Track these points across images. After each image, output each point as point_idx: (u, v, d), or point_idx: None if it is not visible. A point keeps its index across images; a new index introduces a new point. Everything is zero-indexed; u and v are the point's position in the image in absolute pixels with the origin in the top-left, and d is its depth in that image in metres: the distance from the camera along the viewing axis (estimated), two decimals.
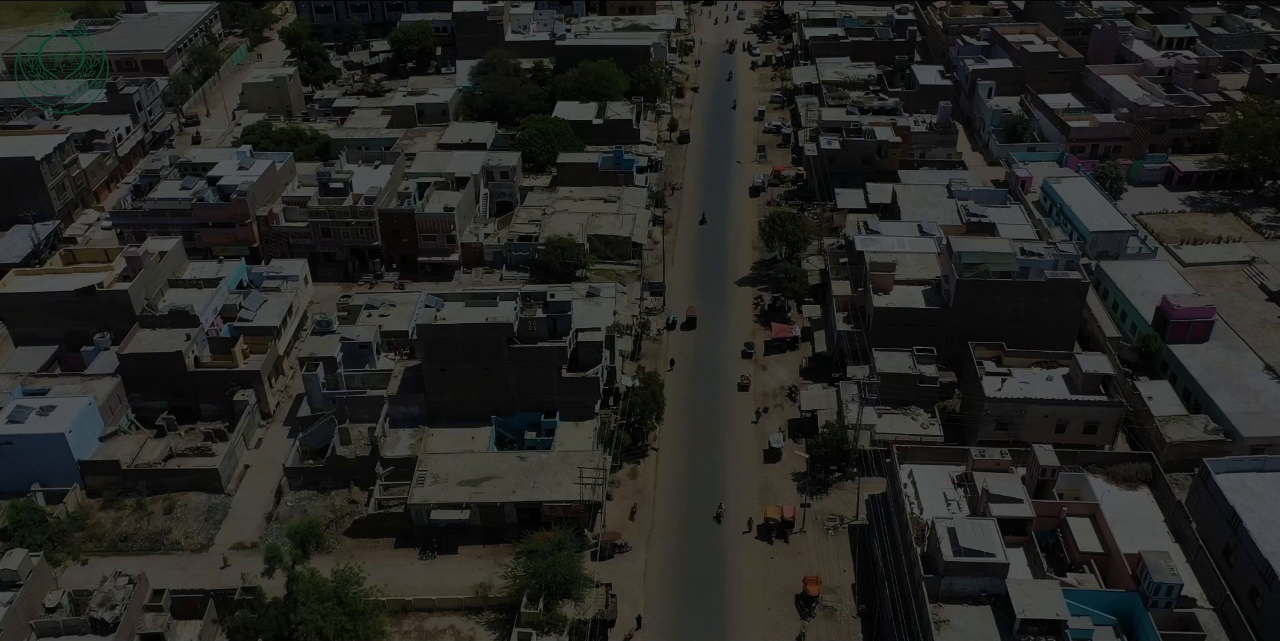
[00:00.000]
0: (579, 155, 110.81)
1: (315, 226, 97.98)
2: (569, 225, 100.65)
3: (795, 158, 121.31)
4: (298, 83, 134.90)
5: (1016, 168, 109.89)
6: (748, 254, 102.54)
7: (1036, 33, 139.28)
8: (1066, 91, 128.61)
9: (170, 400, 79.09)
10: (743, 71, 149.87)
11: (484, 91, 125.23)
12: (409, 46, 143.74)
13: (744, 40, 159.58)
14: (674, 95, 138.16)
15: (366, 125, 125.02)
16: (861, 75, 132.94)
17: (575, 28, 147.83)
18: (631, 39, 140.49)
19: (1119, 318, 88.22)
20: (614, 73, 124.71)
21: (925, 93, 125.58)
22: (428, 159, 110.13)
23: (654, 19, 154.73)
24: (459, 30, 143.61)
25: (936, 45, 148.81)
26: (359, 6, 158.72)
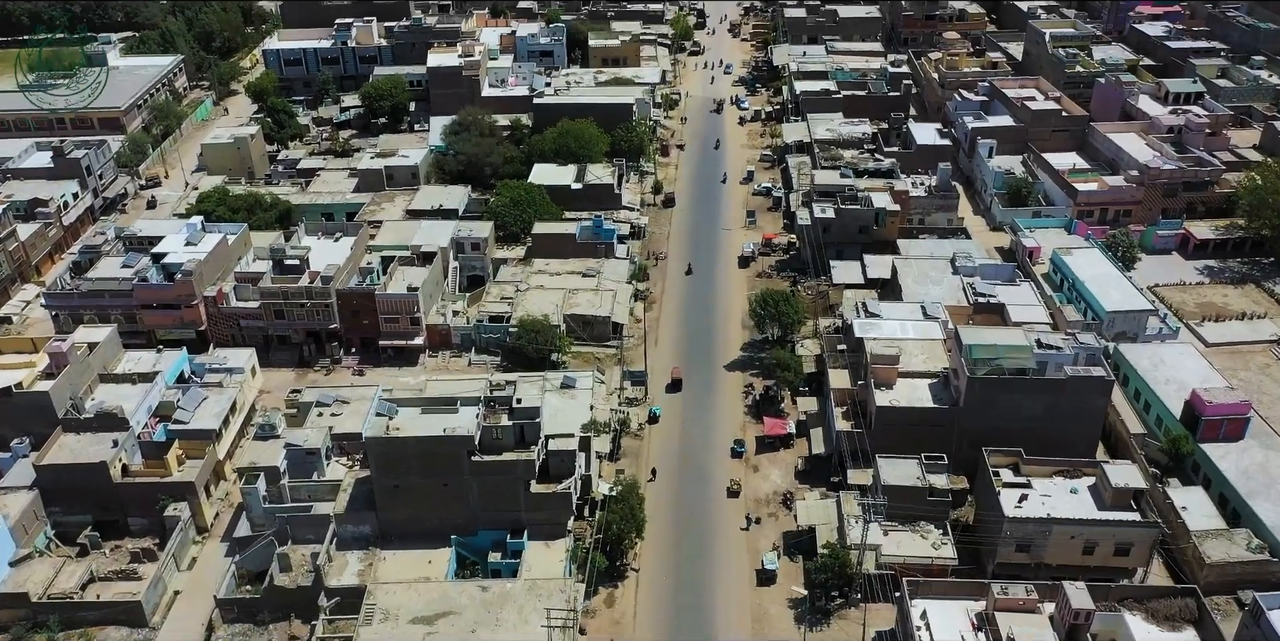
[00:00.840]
0: (556, 225, 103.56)
1: (267, 308, 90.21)
2: (544, 304, 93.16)
3: (787, 224, 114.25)
4: (260, 142, 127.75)
5: (1023, 236, 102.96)
6: (736, 333, 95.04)
7: (1037, 87, 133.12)
8: (1071, 150, 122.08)
9: (95, 514, 71.00)
10: (730, 126, 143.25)
11: (457, 153, 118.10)
12: (380, 102, 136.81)
13: (732, 93, 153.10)
14: (658, 154, 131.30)
15: (332, 189, 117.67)
16: (855, 133, 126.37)
17: (555, 82, 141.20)
18: (614, 93, 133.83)
19: (1142, 408, 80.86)
20: (594, 133, 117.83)
21: (923, 153, 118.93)
22: (394, 229, 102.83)
23: (638, 71, 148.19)
24: (433, 85, 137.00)
25: (933, 99, 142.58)
26: (330, 59, 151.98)
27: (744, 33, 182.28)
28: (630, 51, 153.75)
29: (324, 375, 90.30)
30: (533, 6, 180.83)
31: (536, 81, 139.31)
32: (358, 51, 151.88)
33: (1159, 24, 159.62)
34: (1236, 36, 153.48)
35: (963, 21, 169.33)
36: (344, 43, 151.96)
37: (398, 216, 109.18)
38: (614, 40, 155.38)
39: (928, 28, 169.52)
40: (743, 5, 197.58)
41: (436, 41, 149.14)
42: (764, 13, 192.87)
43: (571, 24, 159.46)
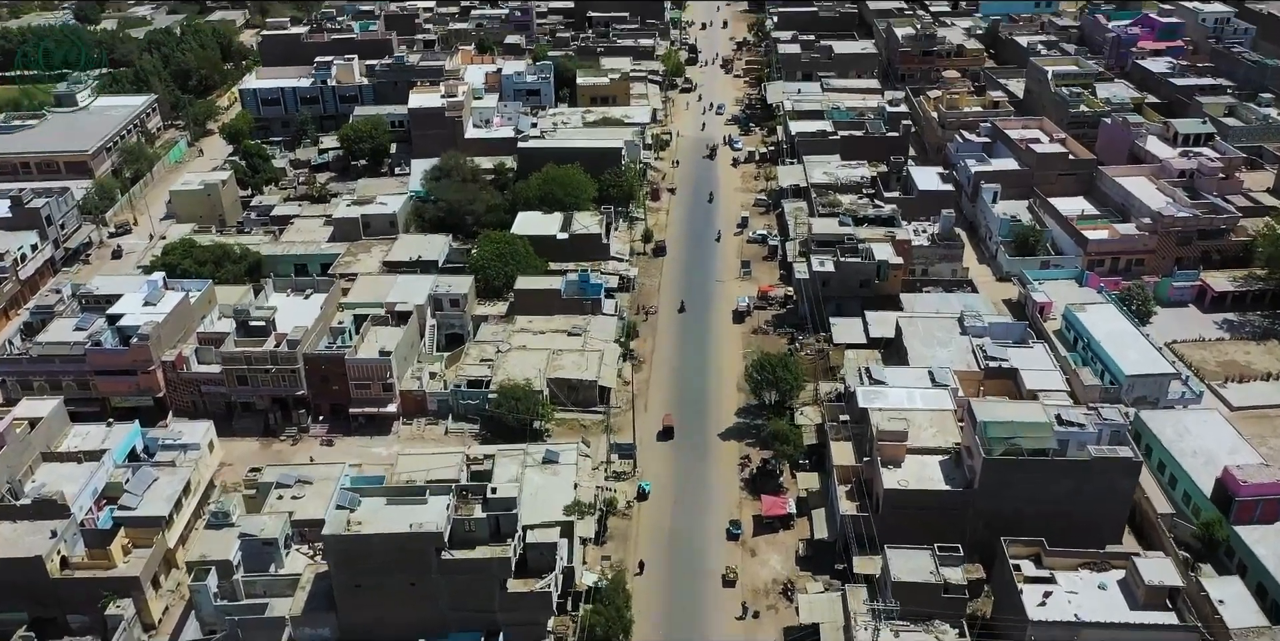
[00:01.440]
0: (540, 279, 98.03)
1: (230, 373, 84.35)
2: (526, 366, 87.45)
3: (783, 274, 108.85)
4: (233, 188, 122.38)
5: (1033, 290, 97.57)
6: (731, 396, 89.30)
7: (1041, 128, 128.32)
8: (1078, 194, 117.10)
9: (31, 611, 64.87)
10: (724, 169, 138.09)
11: (437, 200, 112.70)
12: (360, 144, 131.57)
13: (725, 134, 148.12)
14: (649, 198, 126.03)
15: (306, 238, 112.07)
16: (854, 176, 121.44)
17: (542, 122, 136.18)
18: (603, 135, 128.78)
19: (1167, 482, 75.19)
20: (581, 179, 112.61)
21: (925, 198, 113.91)
22: (368, 285, 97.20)
23: (628, 111, 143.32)
24: (414, 127, 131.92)
25: (933, 139, 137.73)
26: (309, 98, 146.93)
27: (737, 69, 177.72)
28: (619, 90, 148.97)
29: (290, 445, 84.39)
30: (519, 42, 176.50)
31: (522, 122, 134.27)
32: (338, 90, 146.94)
33: (1162, 60, 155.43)
34: (1242, 73, 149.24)
35: (961, 57, 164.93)
36: (324, 81, 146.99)
37: (374, 268, 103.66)
38: (603, 78, 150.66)
39: (925, 64, 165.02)
40: (735, 40, 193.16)
41: (419, 80, 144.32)
42: (757, 48, 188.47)
43: (559, 61, 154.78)
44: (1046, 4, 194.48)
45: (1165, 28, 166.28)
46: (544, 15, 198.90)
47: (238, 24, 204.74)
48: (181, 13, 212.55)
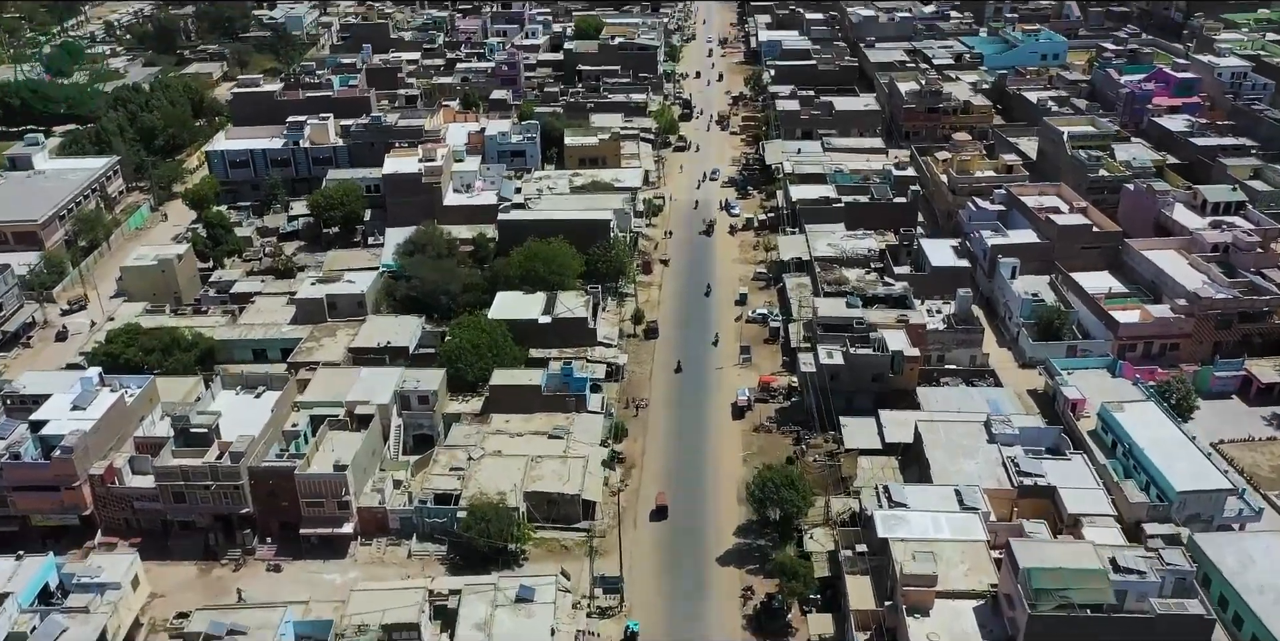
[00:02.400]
0: (519, 373, 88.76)
1: (165, 489, 74.71)
2: (501, 477, 77.98)
3: (787, 361, 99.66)
4: (190, 262, 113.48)
5: (1062, 383, 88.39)
6: (731, 511, 79.61)
7: (1059, 195, 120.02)
8: (1103, 269, 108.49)
9: None
10: (720, 236, 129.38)
11: (410, 277, 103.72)
12: (330, 212, 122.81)
13: (721, 198, 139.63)
14: (640, 271, 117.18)
15: (267, 319, 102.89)
16: (860, 248, 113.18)
17: (526, 187, 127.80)
18: (591, 203, 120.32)
19: (1231, 619, 65.50)
20: (566, 254, 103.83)
21: (938, 276, 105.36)
22: (328, 380, 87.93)
23: (618, 174, 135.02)
24: (388, 194, 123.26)
25: (943, 205, 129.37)
26: (280, 160, 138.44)
27: (733, 125, 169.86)
28: (609, 151, 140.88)
29: (233, 571, 74.54)
30: (506, 97, 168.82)
31: (506, 187, 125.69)
32: (311, 152, 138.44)
33: (1180, 118, 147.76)
34: (1264, 131, 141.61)
35: (967, 114, 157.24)
36: (295, 143, 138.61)
37: (338, 355, 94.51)
38: (591, 138, 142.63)
39: (930, 121, 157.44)
40: (731, 95, 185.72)
41: (397, 142, 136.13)
42: (754, 102, 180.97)
43: (546, 120, 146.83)
44: (1054, 57, 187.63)
45: (1181, 83, 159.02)
46: (532, 68, 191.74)
47: (214, 77, 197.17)
48: (158, 65, 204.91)
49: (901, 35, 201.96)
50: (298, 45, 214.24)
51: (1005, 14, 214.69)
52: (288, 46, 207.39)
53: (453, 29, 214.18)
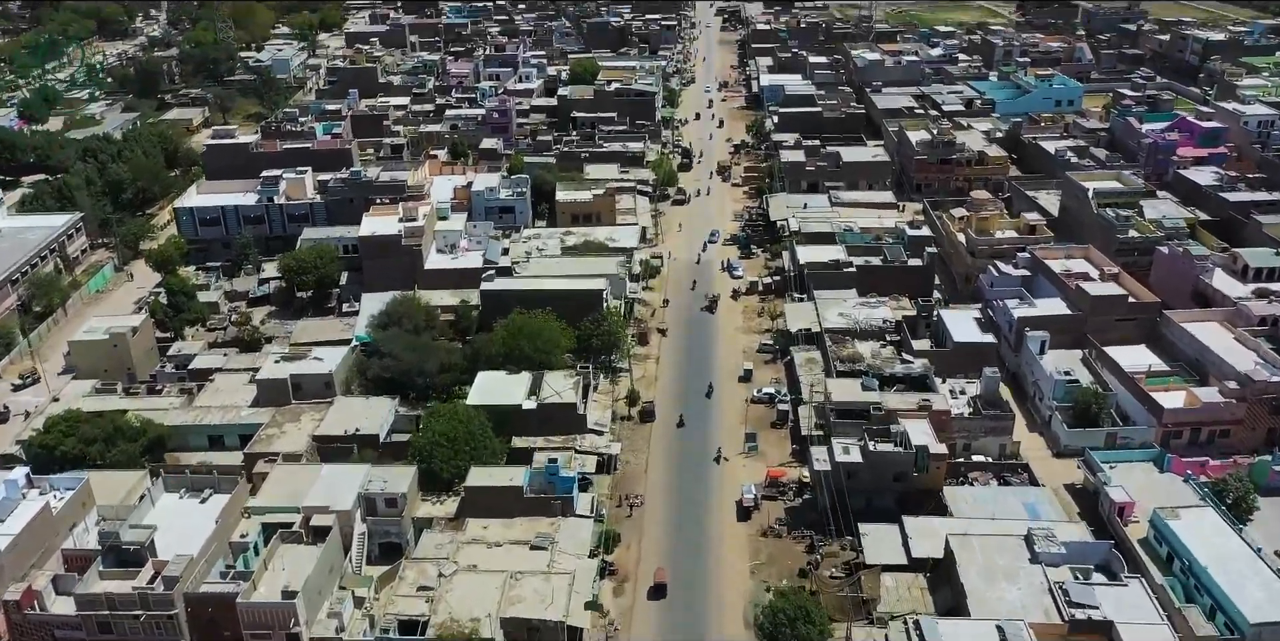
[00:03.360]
0: (497, 472, 79.49)
1: (89, 619, 65.23)
2: (476, 599, 68.55)
3: (796, 449, 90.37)
4: (148, 333, 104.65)
5: (1105, 481, 79.15)
6: (738, 637, 70.02)
7: (1087, 258, 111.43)
8: (1139, 342, 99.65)
9: None
10: (722, 300, 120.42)
11: (384, 355, 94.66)
12: (303, 276, 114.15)
13: (723, 259, 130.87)
14: (636, 343, 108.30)
15: (226, 400, 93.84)
16: (874, 319, 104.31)
17: (515, 248, 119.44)
18: (583, 267, 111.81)
19: None
20: (554, 330, 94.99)
21: (961, 352, 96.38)
22: (285, 478, 78.69)
23: (613, 232, 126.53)
24: (365, 257, 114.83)
25: (961, 267, 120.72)
26: (253, 217, 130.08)
27: (735, 176, 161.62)
28: (604, 207, 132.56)
29: None
30: (497, 146, 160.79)
31: (492, 248, 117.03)
32: (286, 209, 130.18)
33: (1207, 170, 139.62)
34: None
35: (982, 165, 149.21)
36: (270, 199, 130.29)
37: (301, 443, 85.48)
38: (585, 193, 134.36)
39: (943, 173, 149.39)
40: (732, 143, 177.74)
41: (378, 198, 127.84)
42: (756, 150, 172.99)
43: (537, 174, 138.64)
44: (1068, 103, 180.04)
45: (1206, 133, 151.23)
46: (525, 114, 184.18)
47: (194, 123, 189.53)
48: (139, 109, 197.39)
49: (909, 80, 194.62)
50: (282, 89, 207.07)
51: (1016, 58, 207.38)
52: (272, 91, 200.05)
53: (444, 73, 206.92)
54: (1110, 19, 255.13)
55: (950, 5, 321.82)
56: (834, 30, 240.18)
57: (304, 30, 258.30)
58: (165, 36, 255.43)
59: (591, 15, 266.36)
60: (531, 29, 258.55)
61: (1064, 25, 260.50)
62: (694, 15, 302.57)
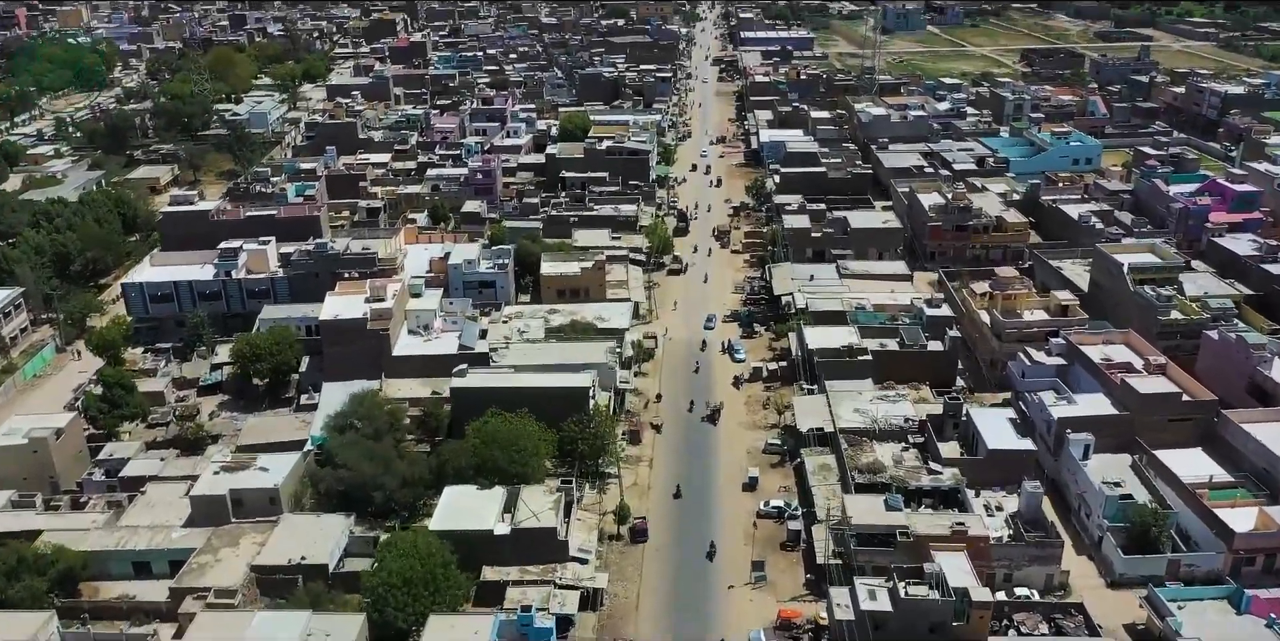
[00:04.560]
0: (461, 622, 67.31)
1: None
2: None
3: (811, 580, 78.35)
4: (76, 435, 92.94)
5: (1175, 628, 67.33)
6: None
7: (1127, 344, 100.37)
8: (1194, 444, 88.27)
9: None
10: (722, 388, 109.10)
11: (339, 465, 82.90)
12: (258, 363, 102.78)
13: (724, 340, 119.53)
14: (627, 443, 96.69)
15: (158, 517, 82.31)
16: (895, 416, 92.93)
17: (493, 330, 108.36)
18: (568, 355, 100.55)
19: None
20: (532, 435, 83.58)
21: (996, 460, 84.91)
22: (209, 628, 66.49)
23: (603, 309, 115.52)
24: (327, 343, 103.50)
25: (985, 351, 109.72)
26: (209, 293, 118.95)
27: (734, 241, 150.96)
28: (593, 281, 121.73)
29: None
30: (480, 209, 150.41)
31: (469, 330, 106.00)
32: (245, 284, 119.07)
33: (1244, 238, 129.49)
34: None
35: (1000, 232, 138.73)
36: (228, 273, 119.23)
37: (239, 573, 73.56)
38: (572, 266, 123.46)
39: (959, 240, 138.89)
40: (731, 204, 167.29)
41: (347, 272, 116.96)
42: (757, 212, 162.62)
43: (522, 243, 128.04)
44: (1086, 161, 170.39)
45: (1239, 197, 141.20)
46: (512, 172, 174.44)
47: (162, 182, 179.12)
48: (105, 166, 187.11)
49: (916, 135, 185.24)
50: (258, 145, 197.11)
51: (1028, 113, 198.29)
52: (245, 147, 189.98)
53: (428, 128, 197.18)
54: (1120, 70, 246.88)
55: (951, 54, 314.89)
56: (835, 82, 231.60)
57: (286, 81, 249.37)
58: (142, 88, 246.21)
59: (585, 65, 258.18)
60: (522, 80, 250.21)
61: (1072, 76, 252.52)
62: (690, 65, 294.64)
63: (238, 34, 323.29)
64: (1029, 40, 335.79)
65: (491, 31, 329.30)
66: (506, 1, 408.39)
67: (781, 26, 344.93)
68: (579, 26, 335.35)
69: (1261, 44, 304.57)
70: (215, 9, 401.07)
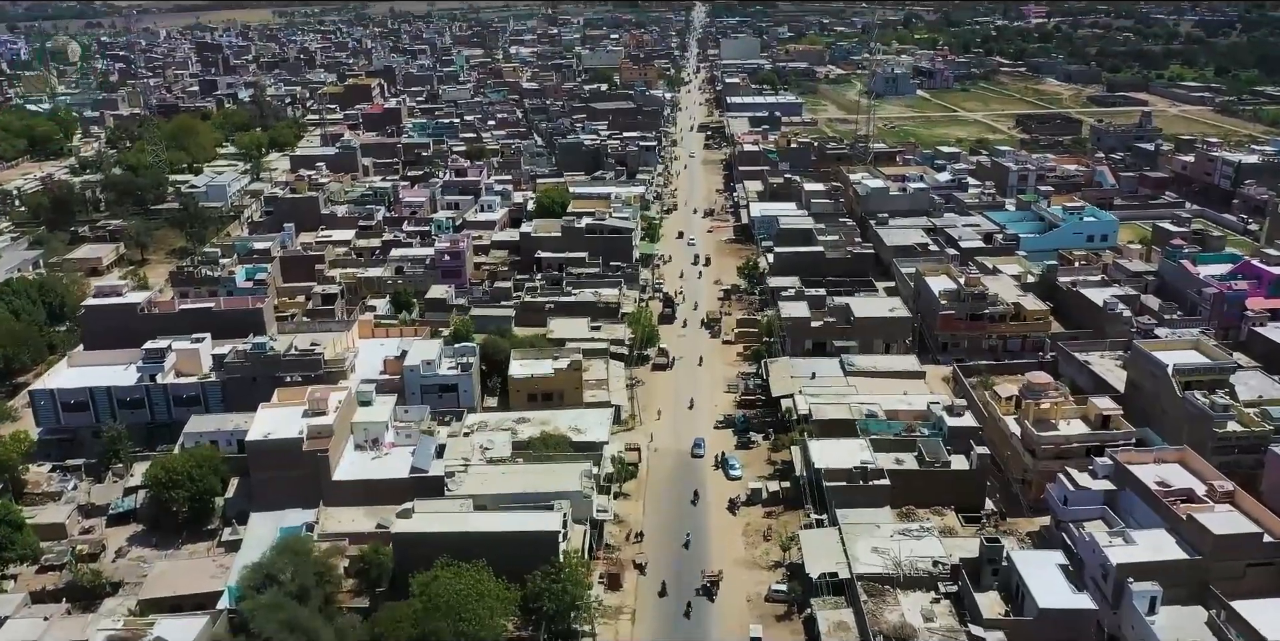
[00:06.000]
0: None
1: None
2: None
3: None
4: None
5: None
6: None
7: (1183, 463, 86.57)
8: (1277, 594, 74.14)
9: None
10: (716, 514, 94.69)
11: (254, 634, 67.96)
12: (174, 490, 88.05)
13: (717, 453, 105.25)
14: (604, 588, 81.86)
15: None
16: (921, 558, 78.66)
17: (454, 443, 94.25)
18: (537, 481, 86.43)
19: None
20: (489, 595, 68.94)
21: (1048, 622, 70.49)
22: None
23: (579, 418, 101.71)
24: (255, 468, 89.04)
25: (1016, 468, 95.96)
26: (131, 401, 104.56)
27: (726, 330, 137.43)
28: (568, 383, 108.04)
29: None
30: (447, 295, 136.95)
31: (423, 448, 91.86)
32: (171, 390, 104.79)
33: None
34: None
35: (1019, 321, 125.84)
36: (152, 377, 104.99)
37: None
38: (545, 364, 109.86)
39: (973, 329, 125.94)
40: (721, 287, 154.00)
41: (289, 375, 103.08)
42: (750, 295, 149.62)
43: (488, 339, 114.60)
44: (1102, 239, 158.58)
45: (1276, 280, 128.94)
46: (485, 250, 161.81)
47: (105, 262, 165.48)
48: (47, 243, 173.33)
49: (917, 209, 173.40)
50: (213, 220, 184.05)
51: (1034, 185, 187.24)
52: (199, 223, 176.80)
53: (396, 202, 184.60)
54: (1122, 137, 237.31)
55: (943, 119, 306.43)
56: (827, 151, 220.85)
57: (251, 150, 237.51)
58: (99, 157, 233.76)
59: (566, 132, 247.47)
60: (499, 148, 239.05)
61: (1073, 144, 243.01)
62: (675, 132, 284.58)
63: (206, 100, 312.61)
64: (1021, 105, 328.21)
65: (470, 97, 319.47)
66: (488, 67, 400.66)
67: (768, 91, 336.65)
68: (561, 91, 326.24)
69: (1260, 108, 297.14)
70: (188, 75, 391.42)
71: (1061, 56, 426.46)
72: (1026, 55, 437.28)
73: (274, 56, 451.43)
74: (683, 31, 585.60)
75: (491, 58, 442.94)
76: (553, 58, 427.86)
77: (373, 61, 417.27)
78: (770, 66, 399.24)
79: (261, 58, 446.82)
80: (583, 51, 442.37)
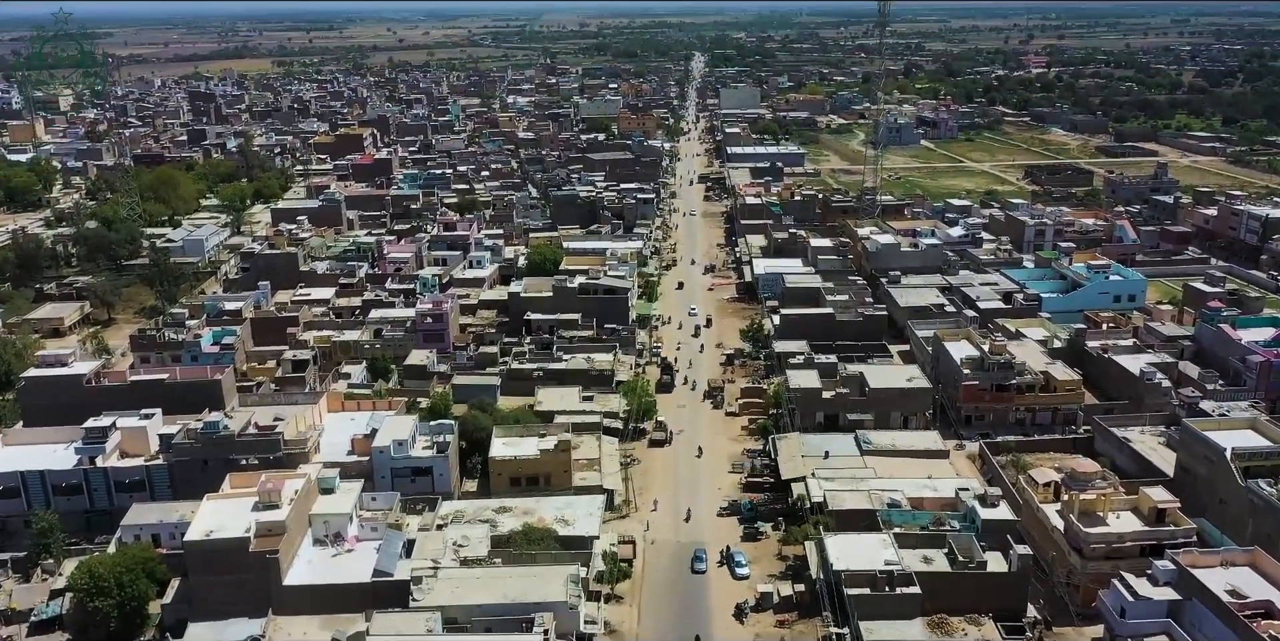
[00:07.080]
0: None
1: None
2: None
3: None
4: None
5: None
6: None
7: (1254, 566, 75.86)
8: None
9: None
10: (721, 619, 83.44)
11: None
12: (100, 599, 76.93)
13: (722, 548, 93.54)
14: None
15: None
16: None
17: (425, 538, 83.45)
18: (516, 589, 75.39)
19: None
20: None
21: None
22: None
23: (567, 506, 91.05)
24: (194, 572, 78.02)
25: (1062, 568, 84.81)
26: (68, 487, 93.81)
27: (729, 400, 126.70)
28: (555, 466, 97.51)
29: None
30: (428, 362, 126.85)
31: (390, 544, 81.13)
32: (112, 474, 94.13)
33: None
34: None
35: (1049, 392, 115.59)
36: (92, 459, 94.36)
37: None
38: (530, 446, 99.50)
39: (999, 401, 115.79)
40: (724, 351, 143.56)
41: (244, 458, 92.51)
42: (755, 359, 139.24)
43: (468, 415, 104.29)
44: (1129, 298, 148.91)
45: None
46: (472, 310, 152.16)
47: (67, 322, 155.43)
48: (11, 302, 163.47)
49: (929, 266, 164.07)
50: (187, 277, 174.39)
51: (1052, 241, 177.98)
52: (170, 280, 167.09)
53: (380, 257, 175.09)
54: (1138, 189, 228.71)
55: (950, 170, 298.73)
56: (833, 203, 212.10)
57: (235, 202, 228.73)
58: (75, 210, 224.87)
59: (561, 183, 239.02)
60: (491, 200, 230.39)
61: (1087, 196, 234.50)
62: (674, 183, 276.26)
63: (194, 150, 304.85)
64: (1028, 155, 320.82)
65: (464, 147, 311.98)
66: (484, 116, 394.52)
67: (769, 141, 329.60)
68: (558, 141, 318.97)
69: (1274, 159, 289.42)
70: (178, 124, 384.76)
71: (1066, 106, 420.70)
72: (1030, 105, 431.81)
73: (268, 105, 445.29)
74: (681, 81, 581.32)
75: (488, 107, 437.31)
76: (550, 107, 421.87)
77: (367, 110, 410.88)
78: (770, 116, 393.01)
79: (255, 107, 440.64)
80: (580, 101, 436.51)
